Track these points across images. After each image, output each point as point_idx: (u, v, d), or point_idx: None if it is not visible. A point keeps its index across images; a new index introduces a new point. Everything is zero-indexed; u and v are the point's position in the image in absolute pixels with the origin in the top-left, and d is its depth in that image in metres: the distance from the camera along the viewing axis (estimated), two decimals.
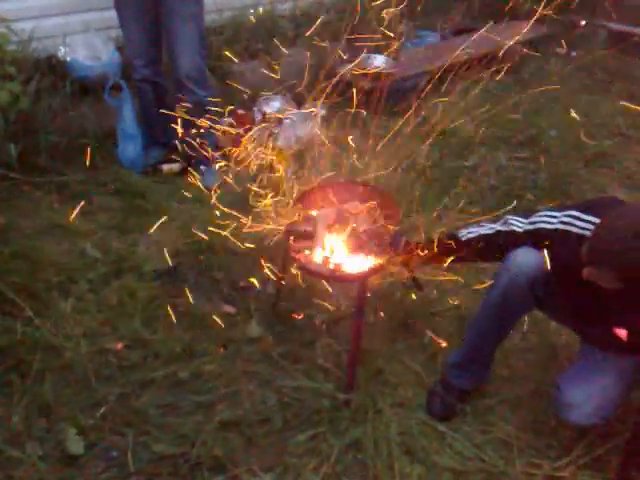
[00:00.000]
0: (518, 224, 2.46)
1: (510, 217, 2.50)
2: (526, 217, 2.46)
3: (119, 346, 2.90)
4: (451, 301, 3.19)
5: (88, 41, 4.21)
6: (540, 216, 2.41)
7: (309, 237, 2.72)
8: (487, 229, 2.55)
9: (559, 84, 5.57)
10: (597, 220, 2.17)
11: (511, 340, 2.90)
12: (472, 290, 3.26)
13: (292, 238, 2.73)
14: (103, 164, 4.04)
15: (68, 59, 4.16)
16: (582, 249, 2.13)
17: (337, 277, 2.71)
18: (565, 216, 2.32)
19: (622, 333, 2.32)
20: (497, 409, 2.76)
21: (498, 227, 2.52)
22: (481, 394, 2.80)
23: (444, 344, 2.88)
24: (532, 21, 3.22)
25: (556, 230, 2.33)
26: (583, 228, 2.23)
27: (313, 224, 2.77)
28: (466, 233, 2.61)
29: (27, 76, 3.93)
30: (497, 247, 2.50)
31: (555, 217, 2.36)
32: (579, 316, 2.49)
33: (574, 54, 6.33)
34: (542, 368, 2.94)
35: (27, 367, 2.75)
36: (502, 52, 5.70)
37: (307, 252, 2.71)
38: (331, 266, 2.65)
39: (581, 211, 2.30)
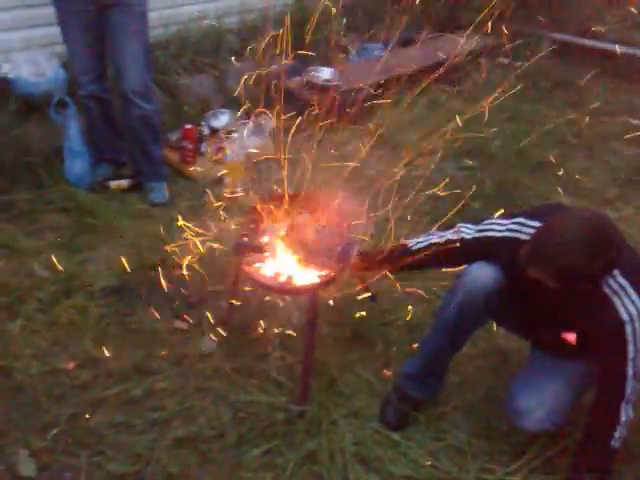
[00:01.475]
0: (467, 231, 2.50)
1: (460, 225, 2.53)
2: (475, 225, 2.51)
3: (70, 365, 2.87)
4: (402, 311, 3.20)
5: (32, 58, 4.16)
6: (488, 224, 2.47)
7: (259, 250, 2.72)
8: (437, 237, 2.57)
9: (502, 94, 5.68)
10: None
11: None
12: (422, 299, 3.30)
13: (242, 252, 2.72)
14: (50, 182, 3.99)
15: (12, 76, 4.10)
16: (521, 251, 2.18)
17: (287, 290, 2.72)
18: (513, 223, 2.39)
19: (571, 337, 2.38)
20: (450, 416, 2.79)
21: (448, 235, 2.54)
22: (434, 401, 2.82)
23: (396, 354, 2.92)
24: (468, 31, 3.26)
25: (504, 237, 2.39)
26: (530, 234, 2.26)
27: (263, 237, 2.78)
28: (416, 242, 2.63)
29: None
30: (447, 255, 2.51)
31: (503, 224, 2.42)
32: (529, 323, 2.54)
33: (517, 64, 6.43)
34: (492, 373, 2.99)
35: None
36: (446, 63, 5.80)
37: (257, 265, 2.70)
38: (282, 279, 2.65)
39: (528, 218, 2.36)
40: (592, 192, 4.51)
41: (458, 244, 2.48)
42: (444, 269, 2.85)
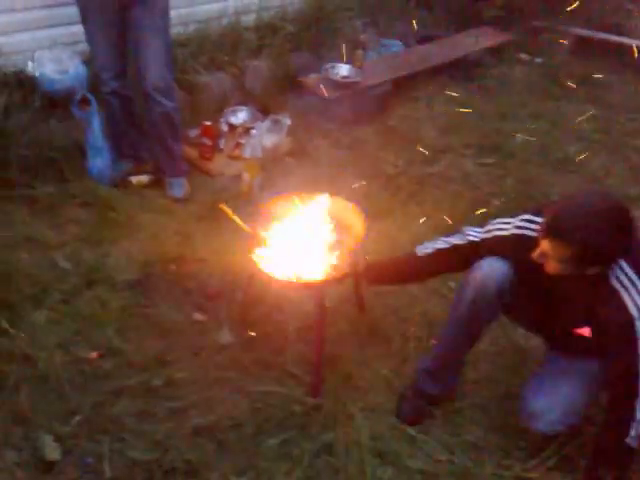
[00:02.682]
0: (474, 234, 2.52)
1: (466, 228, 2.56)
2: (482, 227, 2.53)
3: (93, 355, 2.92)
4: (419, 306, 3.23)
5: (56, 56, 4.22)
6: (495, 224, 2.48)
7: (270, 247, 2.73)
8: (442, 243, 2.59)
9: (523, 90, 5.66)
10: None
11: (480, 344, 2.86)
12: (440, 295, 3.33)
13: (254, 248, 2.74)
14: (73, 177, 4.03)
15: (37, 74, 4.16)
16: (542, 221, 2.18)
17: (293, 286, 2.75)
18: (519, 220, 2.40)
19: (585, 331, 2.37)
20: (466, 412, 2.80)
21: (453, 240, 2.57)
22: (450, 397, 2.82)
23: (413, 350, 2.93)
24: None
25: (512, 235, 2.40)
26: (537, 230, 2.26)
27: (275, 235, 2.79)
28: (422, 249, 2.65)
29: None
30: (455, 259, 2.56)
31: (509, 223, 2.43)
32: (540, 319, 2.54)
33: (538, 60, 6.39)
34: (511, 371, 2.97)
35: (3, 378, 2.76)
36: (466, 59, 5.80)
37: (267, 261, 2.72)
38: (289, 276, 2.67)
39: (534, 214, 2.36)
40: (614, 190, 4.40)
41: (466, 248, 2.51)
42: (453, 273, 2.87)
